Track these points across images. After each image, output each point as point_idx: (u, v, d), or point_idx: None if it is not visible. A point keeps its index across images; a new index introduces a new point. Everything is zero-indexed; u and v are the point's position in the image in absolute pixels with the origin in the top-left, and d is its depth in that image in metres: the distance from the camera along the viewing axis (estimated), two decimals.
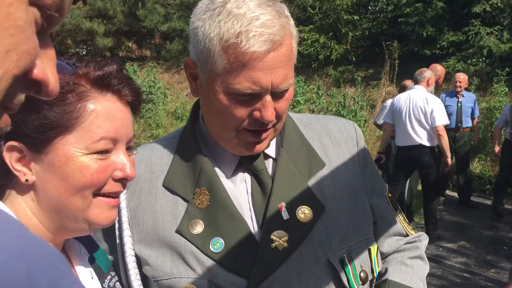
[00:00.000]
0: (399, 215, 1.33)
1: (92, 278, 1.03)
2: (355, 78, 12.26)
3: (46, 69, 0.47)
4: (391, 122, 6.21)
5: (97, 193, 0.94)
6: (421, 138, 5.84)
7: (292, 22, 1.08)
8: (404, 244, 1.33)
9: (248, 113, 1.06)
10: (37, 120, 0.88)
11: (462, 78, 7.33)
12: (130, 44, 17.67)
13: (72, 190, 0.91)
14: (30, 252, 0.36)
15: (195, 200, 1.15)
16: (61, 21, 0.49)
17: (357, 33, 13.27)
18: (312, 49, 13.17)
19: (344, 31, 13.24)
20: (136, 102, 1.02)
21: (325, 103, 11.70)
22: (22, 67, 0.43)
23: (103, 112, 0.93)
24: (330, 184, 1.20)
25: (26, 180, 0.90)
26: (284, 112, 1.11)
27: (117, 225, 1.18)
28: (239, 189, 1.18)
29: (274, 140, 1.22)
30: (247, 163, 1.18)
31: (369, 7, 14.76)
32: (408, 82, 7.48)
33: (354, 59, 13.31)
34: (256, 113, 1.05)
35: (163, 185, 1.20)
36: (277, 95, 1.06)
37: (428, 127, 5.81)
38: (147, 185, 1.21)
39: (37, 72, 0.46)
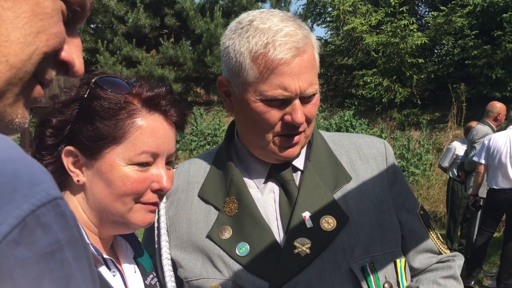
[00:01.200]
0: (431, 232, 1.32)
1: (135, 272, 1.17)
2: (421, 121, 11.99)
3: (73, 54, 0.59)
4: (485, 163, 5.91)
5: (137, 201, 1.07)
6: None
7: (312, 34, 1.18)
8: (437, 262, 1.32)
9: (280, 117, 1.15)
10: (92, 131, 1.04)
11: None
12: (198, 90, 18.44)
13: (114, 196, 1.05)
14: (20, 160, 0.45)
15: (225, 208, 1.24)
16: (85, 16, 0.61)
17: (422, 76, 13.09)
18: (375, 92, 13.11)
19: (408, 74, 13.11)
20: (179, 123, 1.15)
21: None
22: (51, 46, 0.54)
23: (148, 129, 1.06)
24: (356, 197, 1.24)
25: (78, 181, 1.06)
26: (312, 117, 1.20)
27: (156, 232, 1.28)
28: (267, 198, 1.25)
29: (303, 153, 1.29)
30: (276, 174, 1.26)
31: (435, 50, 14.57)
32: (473, 124, 7.23)
33: (419, 102, 13.07)
34: (287, 117, 1.14)
35: (198, 195, 1.30)
36: (305, 100, 1.15)
37: None
38: (184, 195, 1.31)
39: (64, 55, 0.58)
